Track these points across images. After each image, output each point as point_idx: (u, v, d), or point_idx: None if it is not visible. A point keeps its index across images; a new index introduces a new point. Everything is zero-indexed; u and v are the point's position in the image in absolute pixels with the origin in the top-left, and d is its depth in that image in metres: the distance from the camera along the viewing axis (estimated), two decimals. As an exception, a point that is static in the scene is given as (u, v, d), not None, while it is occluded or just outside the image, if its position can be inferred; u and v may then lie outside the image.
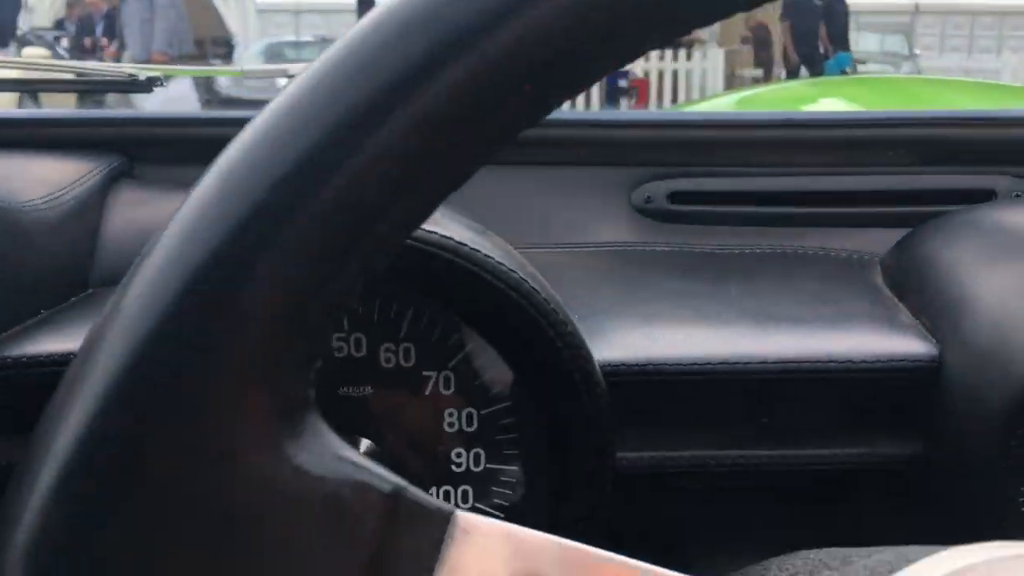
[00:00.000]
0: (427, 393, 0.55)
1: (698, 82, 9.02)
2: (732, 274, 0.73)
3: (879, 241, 0.75)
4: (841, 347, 0.59)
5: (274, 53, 10.26)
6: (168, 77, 0.91)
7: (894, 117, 0.80)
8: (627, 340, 0.59)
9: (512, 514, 0.56)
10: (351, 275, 0.25)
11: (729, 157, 0.83)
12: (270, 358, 0.24)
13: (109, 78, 0.90)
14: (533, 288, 0.50)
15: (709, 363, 0.58)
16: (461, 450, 0.56)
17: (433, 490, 0.56)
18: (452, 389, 0.55)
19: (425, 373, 0.55)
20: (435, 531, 0.30)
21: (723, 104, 3.29)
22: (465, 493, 0.56)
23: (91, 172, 0.74)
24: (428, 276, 0.51)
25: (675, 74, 8.97)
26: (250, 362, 0.24)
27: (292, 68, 0.95)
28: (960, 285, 0.61)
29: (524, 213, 0.83)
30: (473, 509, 0.56)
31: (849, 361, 0.58)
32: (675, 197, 0.82)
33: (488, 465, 0.56)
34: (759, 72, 8.77)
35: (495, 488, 0.56)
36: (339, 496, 0.25)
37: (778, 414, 0.60)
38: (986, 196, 0.77)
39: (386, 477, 0.26)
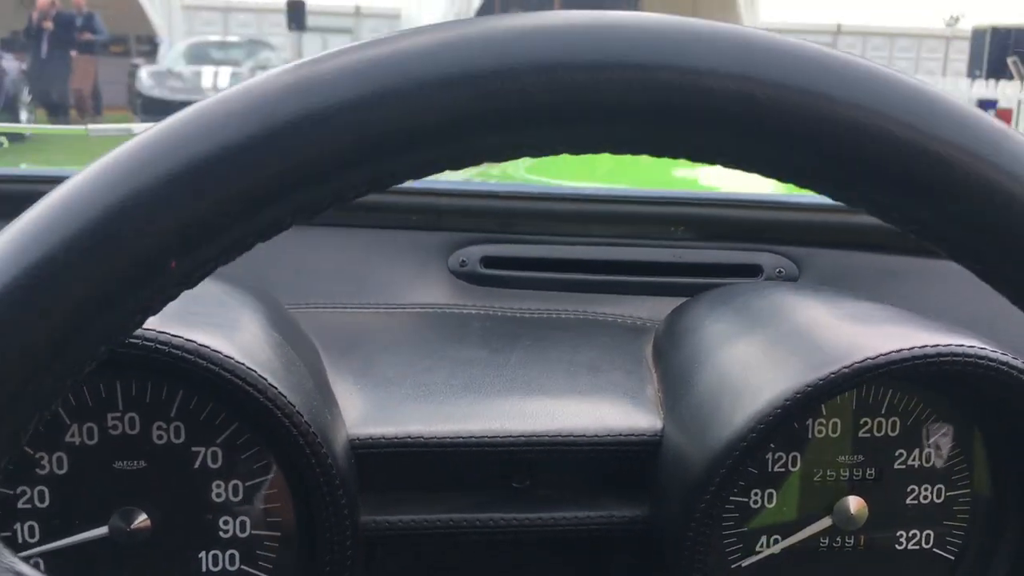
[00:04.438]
0: (196, 467, 0.61)
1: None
2: (526, 338, 0.80)
3: (665, 308, 0.83)
4: (580, 423, 0.66)
5: (198, 54, 10.10)
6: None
7: (678, 197, 0.89)
8: (386, 415, 0.66)
9: (275, 574, 0.62)
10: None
11: (535, 226, 0.90)
12: None
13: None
14: (268, 384, 0.56)
15: (452, 437, 0.64)
16: (228, 518, 0.62)
17: (203, 554, 0.62)
18: (219, 463, 0.61)
19: (194, 449, 0.61)
20: None
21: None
22: (232, 557, 0.62)
23: None
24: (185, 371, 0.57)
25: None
26: None
27: (135, 127, 0.99)
28: (691, 360, 0.68)
29: (345, 273, 0.89)
30: (240, 572, 0.62)
31: (583, 436, 0.65)
32: (487, 262, 0.89)
33: (253, 531, 0.62)
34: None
35: (259, 552, 0.62)
36: None
37: (526, 480, 0.67)
38: (753, 270, 0.86)
39: None
